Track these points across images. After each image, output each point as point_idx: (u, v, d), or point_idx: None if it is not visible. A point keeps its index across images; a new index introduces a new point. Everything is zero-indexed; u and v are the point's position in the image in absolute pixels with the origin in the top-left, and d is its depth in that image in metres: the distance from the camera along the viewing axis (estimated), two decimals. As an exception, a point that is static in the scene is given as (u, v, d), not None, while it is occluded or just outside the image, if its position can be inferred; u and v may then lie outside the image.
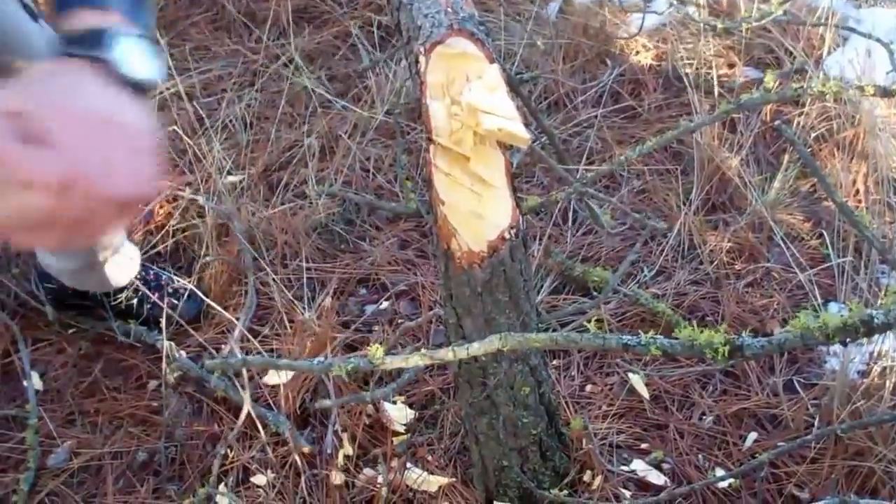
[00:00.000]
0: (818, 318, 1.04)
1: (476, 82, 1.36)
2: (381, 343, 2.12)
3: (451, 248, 1.42)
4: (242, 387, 1.83)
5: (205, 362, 1.97)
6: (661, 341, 0.92)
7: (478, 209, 1.38)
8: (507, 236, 1.39)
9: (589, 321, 1.13)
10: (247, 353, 2.03)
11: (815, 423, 1.97)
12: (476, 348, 0.85)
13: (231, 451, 1.94)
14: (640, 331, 2.16)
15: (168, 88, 2.72)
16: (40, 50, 1.53)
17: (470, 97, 1.34)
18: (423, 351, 0.88)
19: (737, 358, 0.98)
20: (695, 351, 0.94)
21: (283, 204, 2.49)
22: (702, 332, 0.97)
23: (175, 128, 2.49)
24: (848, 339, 1.05)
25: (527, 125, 1.36)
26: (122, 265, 2.14)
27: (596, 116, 2.79)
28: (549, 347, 1.21)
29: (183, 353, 2.13)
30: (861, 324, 1.03)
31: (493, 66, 1.38)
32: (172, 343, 2.10)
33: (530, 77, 2.09)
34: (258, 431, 1.90)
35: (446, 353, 0.87)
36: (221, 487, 1.85)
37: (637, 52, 3.03)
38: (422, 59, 1.39)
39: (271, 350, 2.12)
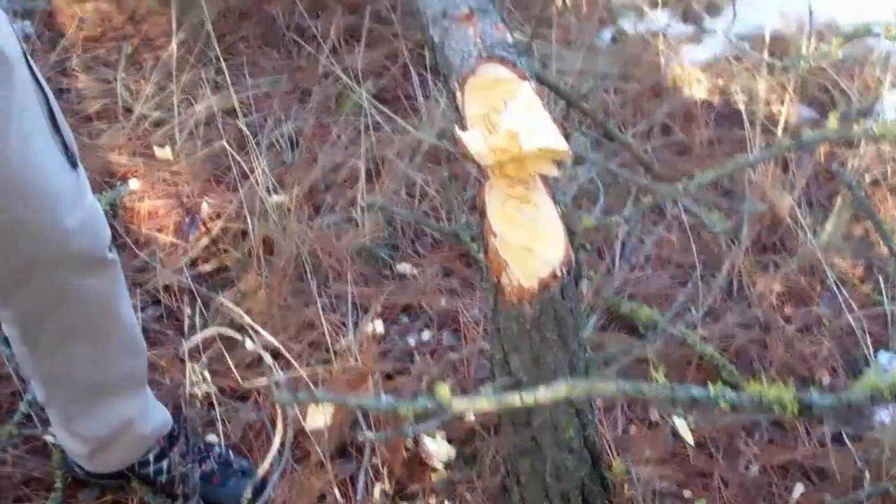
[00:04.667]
0: (887, 376, 1.00)
1: (511, 104, 1.34)
2: (422, 375, 2.09)
3: (501, 282, 1.38)
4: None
5: (273, 395, 1.82)
6: (729, 395, 0.88)
7: (530, 244, 1.34)
8: (558, 273, 1.35)
9: (644, 363, 1.09)
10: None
11: (866, 477, 1.91)
12: (543, 395, 0.82)
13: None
14: (688, 374, 2.12)
15: (216, 104, 2.72)
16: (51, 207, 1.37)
17: (507, 121, 1.32)
18: (490, 395, 0.84)
19: (806, 415, 0.93)
20: (763, 407, 0.90)
21: (328, 227, 2.45)
22: (770, 386, 0.93)
23: (223, 142, 2.47)
24: (920, 400, 1.01)
25: (567, 137, 1.33)
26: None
27: (646, 150, 2.74)
28: (614, 395, 1.17)
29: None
30: (936, 384, 0.98)
31: (524, 83, 1.35)
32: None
33: (588, 90, 2.04)
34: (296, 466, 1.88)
35: (514, 399, 0.83)
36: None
37: (690, 86, 2.99)
38: (458, 94, 1.37)
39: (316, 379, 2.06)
